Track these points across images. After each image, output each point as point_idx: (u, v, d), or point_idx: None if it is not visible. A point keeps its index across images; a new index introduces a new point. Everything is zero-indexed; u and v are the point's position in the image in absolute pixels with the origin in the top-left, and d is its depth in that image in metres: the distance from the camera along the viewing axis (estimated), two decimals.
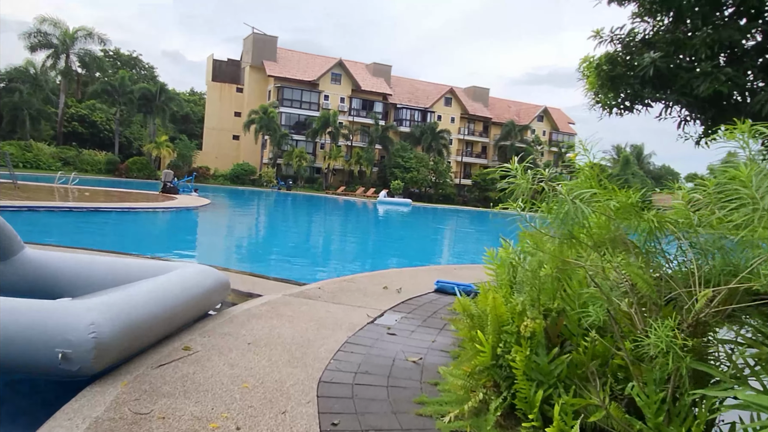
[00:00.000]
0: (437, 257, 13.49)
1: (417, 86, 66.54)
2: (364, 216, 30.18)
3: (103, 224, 13.88)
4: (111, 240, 11.88)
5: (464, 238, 21.35)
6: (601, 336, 2.96)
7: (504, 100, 74.48)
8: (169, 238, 13.19)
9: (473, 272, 8.35)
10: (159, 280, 4.56)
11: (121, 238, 12.48)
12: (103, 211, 15.17)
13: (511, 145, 63.03)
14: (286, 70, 57.03)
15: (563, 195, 2.54)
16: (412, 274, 7.96)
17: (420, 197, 56.08)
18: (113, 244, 10.67)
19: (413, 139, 58.65)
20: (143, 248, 10.00)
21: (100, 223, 13.85)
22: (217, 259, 9.73)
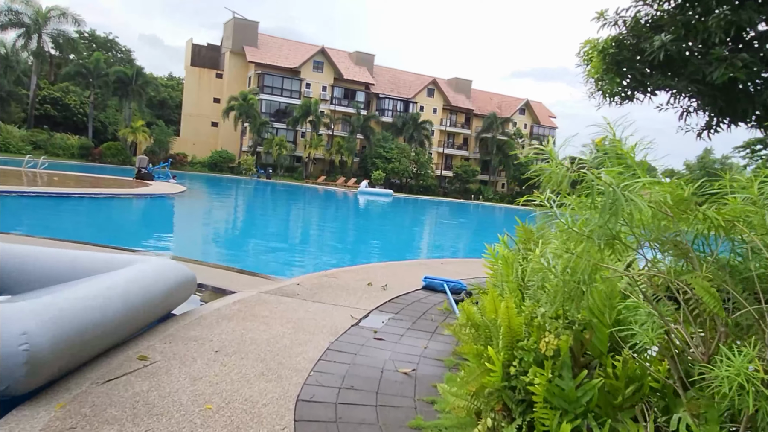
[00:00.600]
0: (422, 250, 13.01)
1: (400, 76, 65.82)
2: (345, 206, 29.59)
3: (70, 211, 13.08)
4: (75, 228, 11.10)
5: (448, 231, 20.93)
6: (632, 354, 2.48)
7: (486, 92, 74.23)
8: (139, 227, 12.47)
9: (461, 267, 7.88)
10: (113, 276, 3.96)
11: (87, 227, 11.71)
12: (69, 197, 14.32)
13: (492, 138, 62.82)
14: (268, 57, 55.81)
15: (607, 185, 2.02)
16: (397, 269, 7.46)
17: (401, 188, 55.61)
18: (77, 233, 9.92)
19: (395, 129, 58.04)
20: (110, 238, 9.30)
21: (67, 211, 13.05)
22: (190, 250, 9.09)
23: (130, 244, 8.63)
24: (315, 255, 10.77)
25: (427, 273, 6.71)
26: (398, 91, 62.80)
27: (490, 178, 66.45)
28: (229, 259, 8.94)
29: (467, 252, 11.38)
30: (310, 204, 28.46)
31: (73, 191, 14.90)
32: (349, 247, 12.36)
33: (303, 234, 13.76)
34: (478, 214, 36.43)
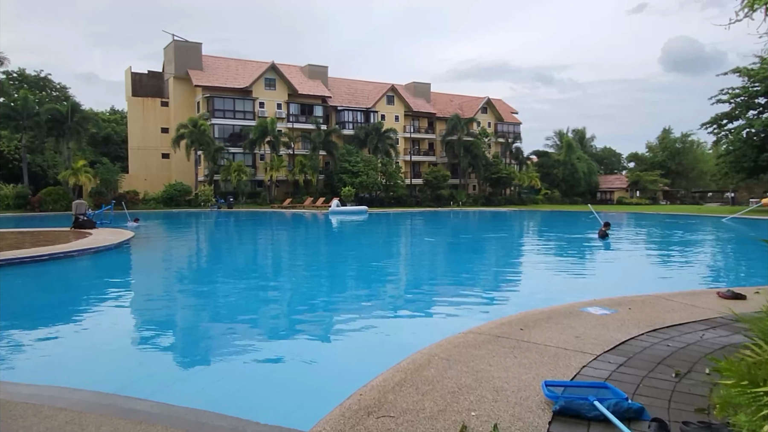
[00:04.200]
0: (466, 297, 10.35)
1: (356, 86, 63.42)
2: (321, 232, 26.65)
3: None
4: None
5: (480, 254, 18.25)
6: None
7: (446, 94, 72.64)
8: (42, 314, 8.56)
9: (563, 332, 5.19)
10: None
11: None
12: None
13: (458, 140, 61.01)
14: (215, 79, 52.52)
15: None
16: (465, 353, 4.73)
17: (371, 202, 52.95)
18: None
19: (358, 141, 55.46)
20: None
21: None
22: (133, 362, 6.13)
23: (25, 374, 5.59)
24: (313, 317, 7.95)
25: (530, 359, 4.05)
26: (357, 101, 60.34)
27: (460, 182, 64.55)
28: (189, 357, 6.04)
29: (548, 294, 8.70)
30: (280, 233, 25.42)
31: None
32: (361, 298, 9.58)
33: (285, 287, 10.87)
34: (489, 222, 34.01)
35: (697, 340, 4.60)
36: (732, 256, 15.84)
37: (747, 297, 6.30)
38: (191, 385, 4.64)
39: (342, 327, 6.77)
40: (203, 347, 6.00)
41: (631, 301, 6.14)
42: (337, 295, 9.25)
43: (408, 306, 8.08)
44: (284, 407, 4.17)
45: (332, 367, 5.04)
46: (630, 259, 14.43)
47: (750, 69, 43.31)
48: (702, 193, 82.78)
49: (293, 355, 5.51)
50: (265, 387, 4.60)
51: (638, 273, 11.87)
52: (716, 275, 11.80)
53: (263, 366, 5.15)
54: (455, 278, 10.95)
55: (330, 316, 7.43)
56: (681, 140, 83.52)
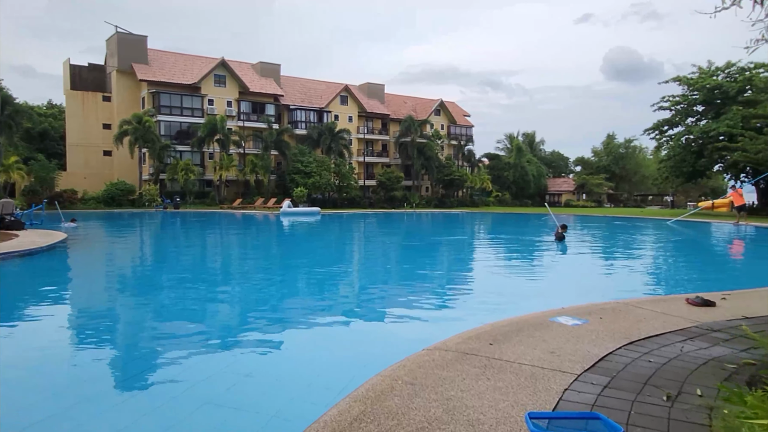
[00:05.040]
0: (421, 295, 9.82)
1: (309, 86, 62.43)
2: (273, 234, 25.77)
3: None
4: None
5: (424, 253, 17.85)
6: None
7: (399, 95, 72.60)
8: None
9: (538, 346, 4.77)
10: None
11: None
12: None
13: (412, 141, 60.98)
14: (162, 74, 50.42)
15: None
16: (435, 375, 4.22)
17: (324, 203, 52.15)
18: None
19: (311, 141, 54.53)
20: None
21: None
22: (48, 390, 5.34)
23: None
24: (256, 331, 7.28)
25: (505, 381, 3.59)
26: (310, 101, 59.39)
27: (414, 183, 64.61)
28: (130, 382, 5.31)
29: (513, 301, 8.32)
30: (230, 236, 24.38)
31: None
32: (311, 309, 8.95)
33: (228, 296, 10.09)
34: (443, 224, 33.78)
35: (677, 353, 4.28)
36: (688, 259, 16.10)
37: (716, 303, 6.11)
38: (119, 415, 3.94)
39: (289, 344, 6.12)
40: (129, 370, 5.26)
41: (601, 309, 5.82)
42: (286, 304, 8.58)
43: (364, 317, 7.50)
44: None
45: (276, 394, 4.44)
46: (589, 263, 14.38)
47: (689, 78, 45.20)
48: (643, 196, 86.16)
49: (231, 377, 4.86)
50: (201, 417, 3.96)
51: (600, 277, 11.74)
52: (677, 279, 11.81)
53: (198, 390, 4.49)
54: (413, 285, 10.45)
55: (275, 329, 6.78)
56: (624, 146, 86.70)
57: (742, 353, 4.32)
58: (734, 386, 3.19)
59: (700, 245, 20.93)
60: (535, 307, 6.11)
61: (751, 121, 37.77)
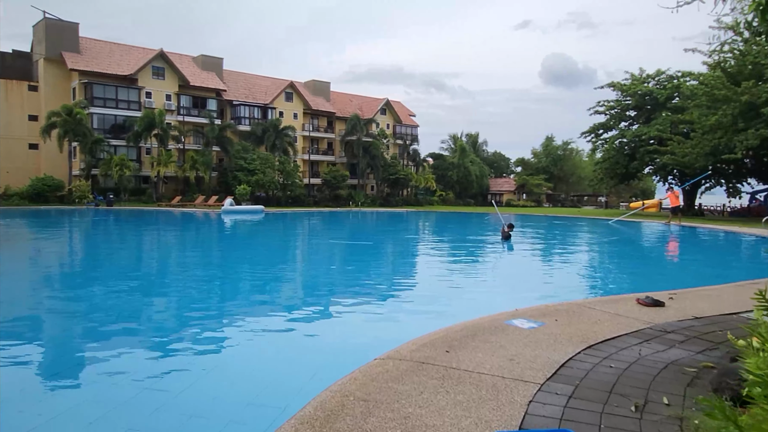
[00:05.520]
0: (369, 297, 9.46)
1: (254, 81, 60.87)
2: (214, 232, 24.77)
3: None
4: None
5: (370, 253, 17.48)
6: None
7: (345, 94, 72.10)
8: None
9: (494, 349, 4.53)
10: None
11: None
12: None
13: (357, 140, 60.65)
14: (95, 63, 47.72)
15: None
16: (389, 395, 3.89)
17: (268, 201, 50.95)
18: None
19: (255, 138, 53.17)
20: None
21: None
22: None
23: None
24: (191, 338, 6.74)
25: (466, 394, 3.32)
26: (254, 96, 57.89)
27: (359, 182, 64.27)
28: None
29: (465, 303, 8.08)
30: (165, 234, 23.23)
31: None
32: (253, 313, 8.43)
33: (161, 299, 9.40)
34: (389, 223, 33.47)
35: (636, 357, 4.16)
36: (631, 258, 16.55)
37: (665, 303, 6.13)
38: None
39: (224, 356, 5.61)
40: (40, 383, 4.66)
41: (556, 311, 5.70)
42: (221, 311, 8.01)
43: (309, 323, 7.07)
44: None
45: (209, 417, 3.99)
46: (537, 263, 14.50)
47: (623, 84, 47.23)
48: (579, 196, 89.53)
49: (157, 396, 4.37)
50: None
51: (549, 277, 11.79)
52: (623, 278, 12.03)
53: (116, 418, 3.99)
54: (360, 288, 10.09)
55: (206, 339, 6.26)
56: (562, 147, 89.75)
57: (699, 356, 4.26)
58: (714, 399, 3.05)
59: (641, 244, 21.72)
60: (488, 309, 5.92)
61: (679, 126, 39.82)
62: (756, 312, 4.97)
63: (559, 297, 6.91)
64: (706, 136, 33.96)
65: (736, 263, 15.54)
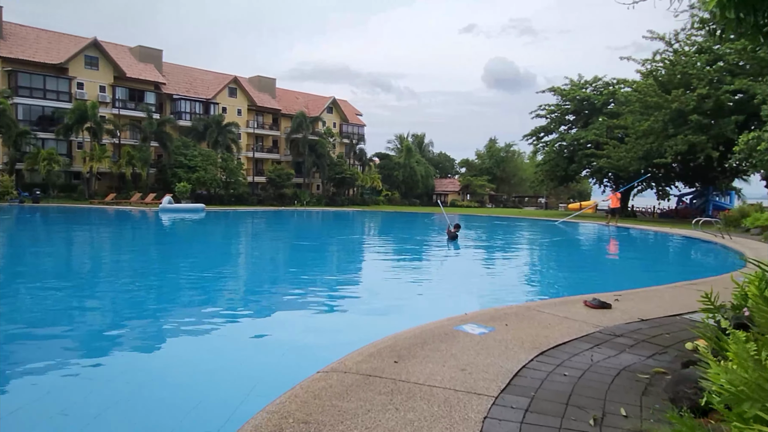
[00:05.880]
0: (312, 302, 9.06)
1: (195, 75, 58.79)
2: (151, 232, 23.58)
3: None
4: None
5: (313, 254, 17.01)
6: None
7: (291, 91, 70.95)
8: None
9: (445, 358, 4.30)
10: None
11: None
12: None
13: (303, 138, 59.73)
14: (20, 50, 44.65)
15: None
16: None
17: (210, 199, 49.34)
18: None
19: (197, 134, 51.34)
20: None
21: None
22: None
23: None
24: (115, 348, 6.18)
25: (418, 412, 3.06)
26: (195, 91, 55.91)
27: (304, 181, 63.35)
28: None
29: (412, 307, 7.77)
30: (96, 233, 21.91)
31: None
32: (184, 321, 7.88)
33: (86, 307, 8.69)
34: (334, 223, 32.88)
35: (588, 364, 4.05)
36: (576, 258, 16.88)
37: (612, 306, 6.12)
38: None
39: (146, 372, 5.12)
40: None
41: (505, 315, 5.56)
42: (148, 318, 7.38)
43: (245, 332, 6.59)
44: None
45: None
46: (485, 264, 14.50)
47: (563, 89, 48.83)
48: (521, 197, 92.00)
49: (72, 416, 3.89)
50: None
51: (497, 279, 11.75)
52: (570, 278, 12.15)
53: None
54: (302, 292, 9.66)
55: (129, 352, 5.74)
56: (505, 150, 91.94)
57: (650, 360, 4.19)
58: (674, 410, 2.92)
59: (584, 245, 22.33)
60: (436, 314, 5.72)
61: (614, 131, 41.54)
62: (703, 315, 5.00)
63: (507, 299, 6.82)
64: (639, 140, 35.56)
65: (671, 263, 16.17)
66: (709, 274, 9.46)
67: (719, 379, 2.56)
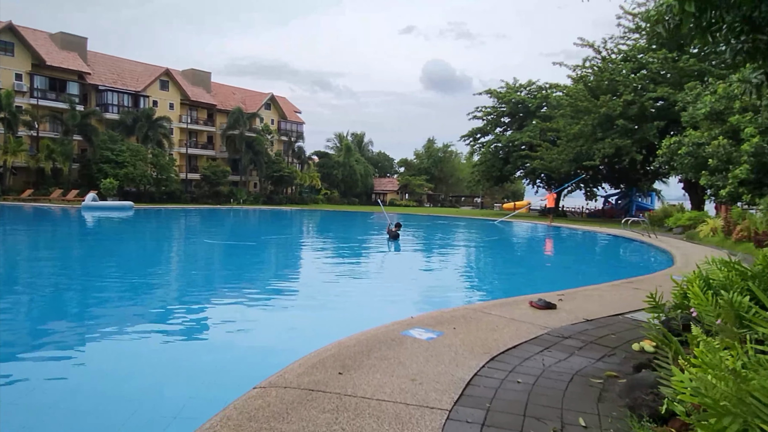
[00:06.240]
0: (246, 306, 8.53)
1: (124, 66, 55.74)
2: (74, 231, 22.00)
3: None
4: None
5: (250, 254, 16.28)
6: None
7: (228, 86, 68.80)
8: None
9: (393, 367, 4.03)
10: None
11: None
12: None
13: (240, 135, 58.05)
14: None
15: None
16: None
17: (139, 197, 46.98)
18: None
19: (125, 128, 48.69)
20: None
21: None
22: None
23: None
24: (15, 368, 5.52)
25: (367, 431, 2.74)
26: (124, 83, 53.02)
27: (241, 179, 61.58)
28: None
29: (355, 309, 7.36)
30: (13, 235, 20.21)
31: None
32: (103, 333, 7.20)
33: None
34: (273, 222, 31.83)
35: (541, 369, 3.91)
36: (518, 257, 17.07)
37: (556, 306, 6.08)
38: None
39: (64, 387, 4.59)
40: None
41: (452, 318, 5.37)
42: (68, 326, 6.72)
43: (175, 341, 6.08)
44: None
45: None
46: (427, 263, 14.37)
47: (499, 92, 50.02)
48: (458, 197, 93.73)
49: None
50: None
51: (441, 279, 11.60)
52: (512, 277, 12.16)
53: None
54: (239, 296, 9.07)
55: (34, 369, 5.14)
56: (443, 150, 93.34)
57: (600, 363, 4.11)
58: (642, 423, 2.77)
59: (524, 244, 22.75)
60: (381, 317, 5.45)
61: (547, 133, 42.98)
62: (648, 314, 5.02)
63: (453, 300, 6.66)
64: (570, 143, 36.92)
65: (607, 262, 16.60)
66: (644, 272, 9.75)
67: (683, 387, 2.44)
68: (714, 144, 21.03)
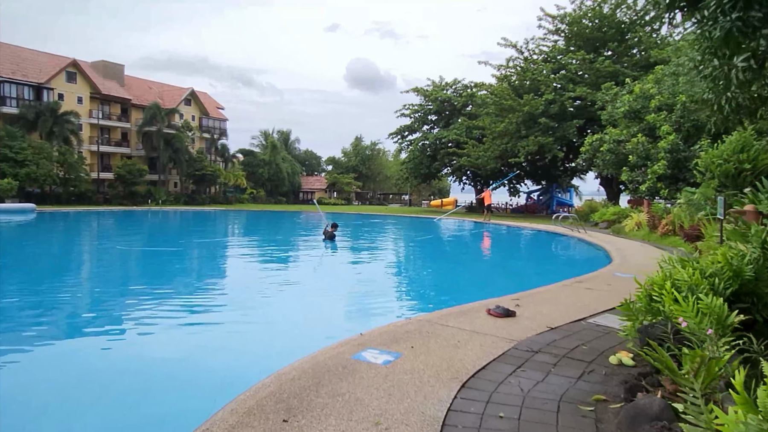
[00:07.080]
0: (167, 328, 7.39)
1: (24, 56, 50.94)
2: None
3: None
4: None
5: (167, 262, 14.83)
6: None
7: (144, 80, 64.88)
8: None
9: (350, 407, 3.32)
10: None
11: None
12: None
13: (158, 131, 54.82)
14: None
15: None
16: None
17: (44, 198, 43.15)
18: None
19: (26, 123, 44.55)
20: None
21: None
22: None
23: None
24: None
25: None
26: (24, 74, 48.46)
27: (160, 178, 58.22)
28: None
29: (293, 325, 6.33)
30: None
31: None
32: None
33: None
34: (195, 224, 29.78)
35: (520, 396, 3.37)
36: (460, 257, 16.66)
37: (516, 313, 5.63)
38: None
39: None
40: None
41: (407, 333, 4.75)
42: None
43: (67, 375, 5.03)
44: None
45: None
46: (368, 266, 13.51)
47: (425, 90, 50.30)
48: (386, 195, 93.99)
49: None
50: None
51: (385, 284, 10.76)
52: (459, 280, 11.53)
53: None
54: (152, 314, 7.82)
55: None
56: (371, 148, 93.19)
57: (581, 383, 3.64)
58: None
59: (463, 243, 22.53)
60: (325, 333, 4.75)
61: (473, 131, 43.66)
62: (612, 319, 4.65)
63: (402, 309, 6.05)
64: (496, 141, 37.63)
65: (548, 259, 16.32)
66: (587, 270, 9.58)
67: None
68: (633, 141, 21.91)
